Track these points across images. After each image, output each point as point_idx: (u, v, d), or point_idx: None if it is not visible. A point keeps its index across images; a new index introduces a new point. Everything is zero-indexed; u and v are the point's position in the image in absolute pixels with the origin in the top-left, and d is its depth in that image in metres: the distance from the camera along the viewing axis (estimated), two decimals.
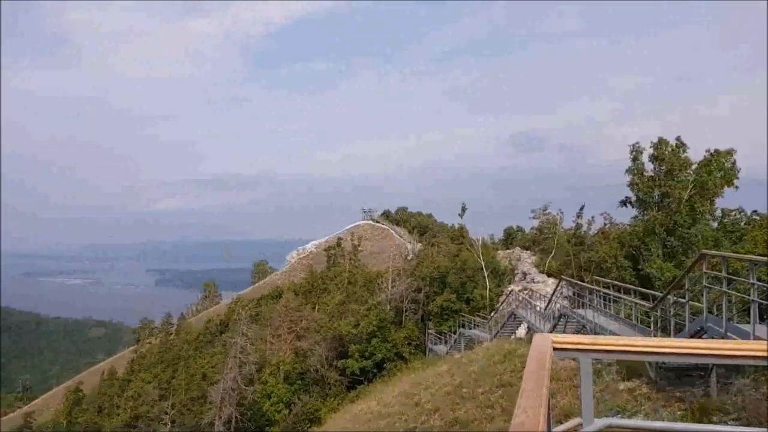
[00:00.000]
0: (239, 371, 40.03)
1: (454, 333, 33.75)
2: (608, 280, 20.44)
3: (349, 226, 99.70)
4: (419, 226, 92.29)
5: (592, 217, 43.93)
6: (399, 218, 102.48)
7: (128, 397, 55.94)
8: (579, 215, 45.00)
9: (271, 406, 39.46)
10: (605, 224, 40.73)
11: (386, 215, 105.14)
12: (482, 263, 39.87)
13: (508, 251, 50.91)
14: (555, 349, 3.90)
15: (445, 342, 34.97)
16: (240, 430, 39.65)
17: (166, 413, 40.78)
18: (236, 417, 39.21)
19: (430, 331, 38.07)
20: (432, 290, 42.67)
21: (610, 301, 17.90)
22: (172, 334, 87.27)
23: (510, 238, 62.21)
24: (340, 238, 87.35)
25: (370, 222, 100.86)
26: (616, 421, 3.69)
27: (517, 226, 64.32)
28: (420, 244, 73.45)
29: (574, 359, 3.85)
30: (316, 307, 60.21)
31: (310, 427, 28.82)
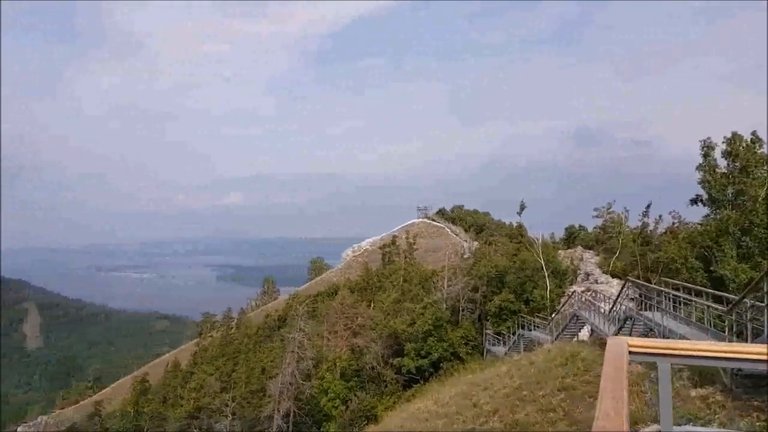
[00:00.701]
0: (297, 366, 40.68)
1: (513, 334, 33.15)
2: (678, 282, 19.53)
3: (404, 224, 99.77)
4: (476, 224, 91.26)
5: (660, 216, 42.14)
6: (455, 216, 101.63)
7: (191, 388, 57.91)
8: (645, 213, 43.21)
9: (328, 402, 39.93)
10: (674, 223, 38.98)
11: (442, 213, 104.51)
12: (542, 263, 38.93)
13: (569, 251, 49.51)
14: (631, 352, 3.70)
15: (504, 343, 34.41)
16: (298, 424, 40.30)
17: (227, 405, 41.96)
18: (294, 411, 39.88)
19: (488, 331, 37.51)
20: (489, 290, 42.02)
21: (680, 304, 17.16)
22: (232, 328, 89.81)
23: (572, 237, 60.52)
24: (395, 236, 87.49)
25: (426, 220, 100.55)
26: (695, 429, 3.46)
27: (579, 225, 62.51)
28: (476, 243, 72.59)
29: (640, 363, 3.63)
30: (372, 305, 60.52)
31: (366, 424, 28.97)
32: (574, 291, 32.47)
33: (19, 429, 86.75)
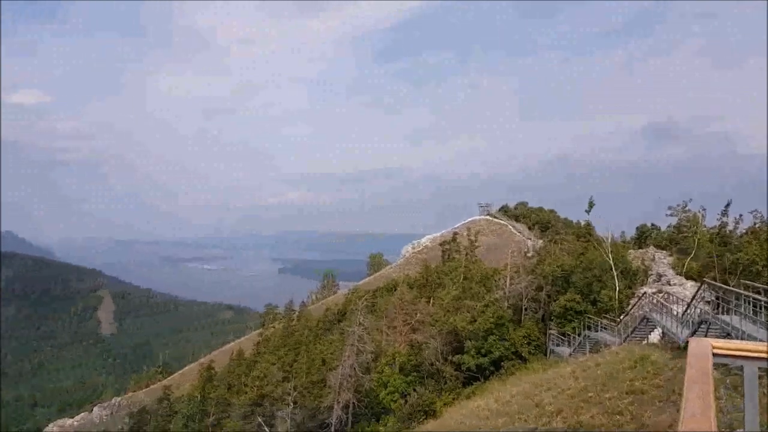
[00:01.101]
0: (356, 359, 41.12)
1: (579, 335, 32.32)
2: (759, 285, 18.40)
3: (465, 221, 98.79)
4: (540, 222, 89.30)
5: (740, 216, 39.83)
6: (518, 213, 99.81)
7: (254, 376, 59.69)
8: (724, 213, 40.93)
9: (387, 395, 40.17)
10: (755, 223, 36.73)
11: (504, 210, 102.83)
12: (611, 262, 37.54)
13: (640, 251, 47.54)
14: (715, 354, 3.48)
15: (568, 344, 33.60)
16: (357, 415, 40.79)
17: (289, 394, 42.93)
18: (354, 403, 40.37)
19: (552, 331, 36.60)
20: (554, 289, 40.95)
21: (760, 308, 16.20)
22: (293, 320, 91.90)
23: (643, 236, 58.12)
24: (455, 233, 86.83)
25: (487, 217, 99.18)
26: None
27: (652, 224, 59.93)
28: (541, 241, 71.00)
29: (716, 367, 3.40)
30: (431, 301, 60.37)
31: (425, 419, 28.94)
32: (645, 292, 31.20)
33: (95, 409, 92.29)
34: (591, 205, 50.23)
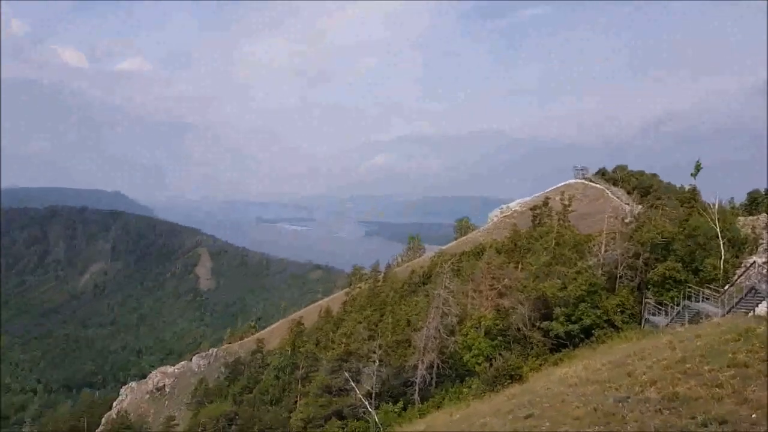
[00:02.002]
0: (441, 321, 41.29)
1: (677, 305, 30.62)
2: None
3: (559, 185, 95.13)
4: (640, 186, 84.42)
5: None
6: (617, 177, 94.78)
7: (342, 334, 61.77)
8: None
9: (472, 358, 40.15)
10: None
11: (602, 174, 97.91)
12: (717, 230, 34.85)
13: (751, 218, 43.93)
14: None
15: (666, 314, 32.00)
16: (441, 375, 41.22)
17: (374, 352, 43.99)
18: (438, 363, 40.79)
19: (648, 300, 34.85)
20: (653, 257, 38.82)
21: None
22: (379, 281, 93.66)
23: (754, 203, 53.63)
24: (547, 198, 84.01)
25: (583, 181, 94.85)
26: None
27: (766, 190, 55.02)
28: (641, 206, 67.28)
29: None
30: (520, 267, 59.19)
31: (510, 383, 28.64)
32: (754, 262, 28.84)
33: (194, 358, 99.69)
34: (698, 168, 46.74)
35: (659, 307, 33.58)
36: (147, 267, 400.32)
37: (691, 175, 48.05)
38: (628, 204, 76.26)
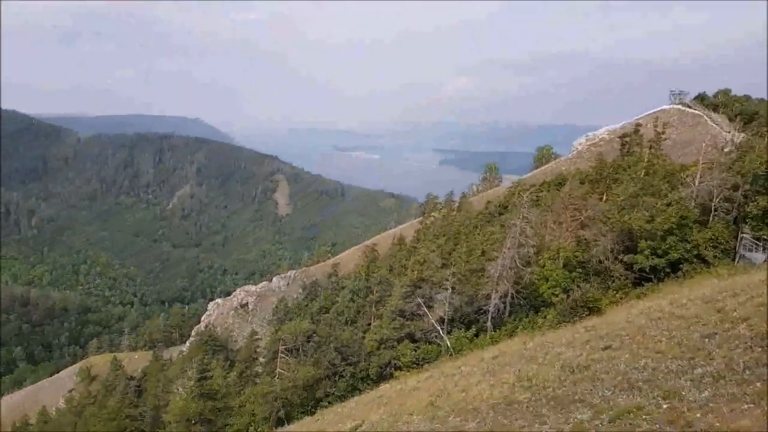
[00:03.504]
0: (517, 251, 40.37)
1: None
2: None
3: (652, 111, 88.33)
4: (744, 112, 77.04)
5: None
6: (718, 103, 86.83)
7: (415, 261, 62.14)
8: None
9: (548, 289, 39.32)
10: None
11: (701, 99, 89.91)
12: None
13: None
14: None
15: (764, 249, 29.57)
16: (515, 305, 40.80)
17: (447, 280, 44.01)
18: (512, 293, 40.28)
19: (745, 235, 32.32)
20: (754, 189, 35.60)
21: None
22: (453, 210, 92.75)
23: None
24: (638, 125, 78.48)
25: (679, 107, 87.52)
26: None
27: None
28: (744, 134, 61.55)
29: None
30: (604, 197, 56.41)
31: (588, 315, 27.82)
32: None
33: (274, 279, 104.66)
34: None
35: (757, 242, 31.22)
36: (229, 192, 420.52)
37: None
38: (728, 132, 70.06)
